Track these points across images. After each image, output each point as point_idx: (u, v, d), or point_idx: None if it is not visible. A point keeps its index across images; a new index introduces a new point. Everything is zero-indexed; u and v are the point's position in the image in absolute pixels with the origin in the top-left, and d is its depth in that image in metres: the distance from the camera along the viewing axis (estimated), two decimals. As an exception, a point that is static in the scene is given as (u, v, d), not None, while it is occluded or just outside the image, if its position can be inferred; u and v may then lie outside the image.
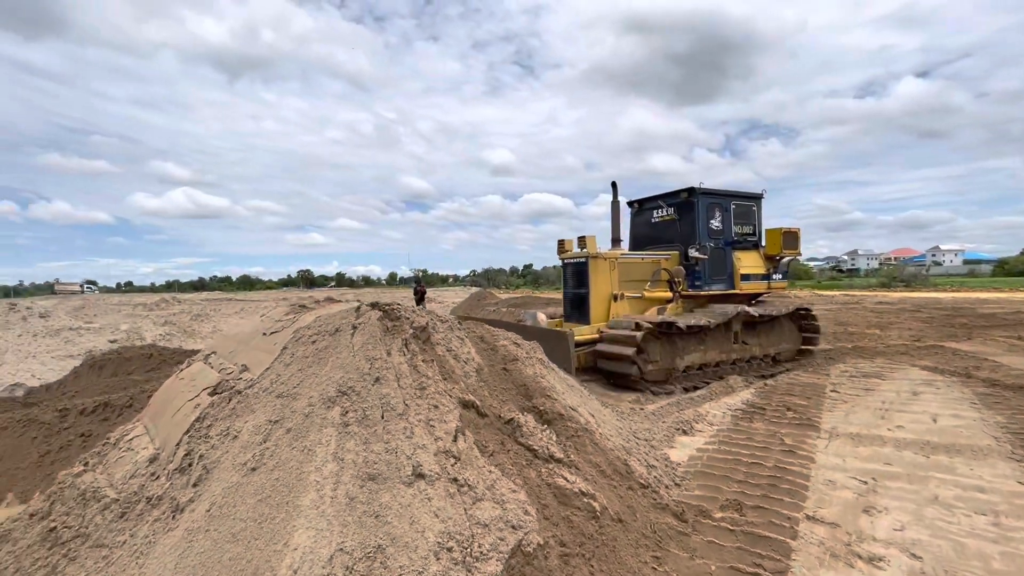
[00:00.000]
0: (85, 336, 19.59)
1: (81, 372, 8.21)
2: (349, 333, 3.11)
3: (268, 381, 2.97)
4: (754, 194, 8.99)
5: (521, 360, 3.82)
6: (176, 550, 2.27)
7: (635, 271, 8.33)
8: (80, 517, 2.74)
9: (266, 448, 2.55)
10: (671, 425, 4.88)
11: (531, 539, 2.52)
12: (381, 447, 2.58)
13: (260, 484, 2.40)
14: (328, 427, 2.58)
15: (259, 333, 3.89)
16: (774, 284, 8.91)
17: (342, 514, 2.30)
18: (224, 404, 2.99)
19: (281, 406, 2.75)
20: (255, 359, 3.33)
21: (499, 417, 3.24)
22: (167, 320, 22.54)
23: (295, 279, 65.73)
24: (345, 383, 2.79)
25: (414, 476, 2.54)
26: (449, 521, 2.46)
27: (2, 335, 17.80)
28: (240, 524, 2.27)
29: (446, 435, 2.79)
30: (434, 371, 3.15)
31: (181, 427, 2.98)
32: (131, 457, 3.17)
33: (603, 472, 3.26)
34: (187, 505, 2.49)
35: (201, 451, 2.71)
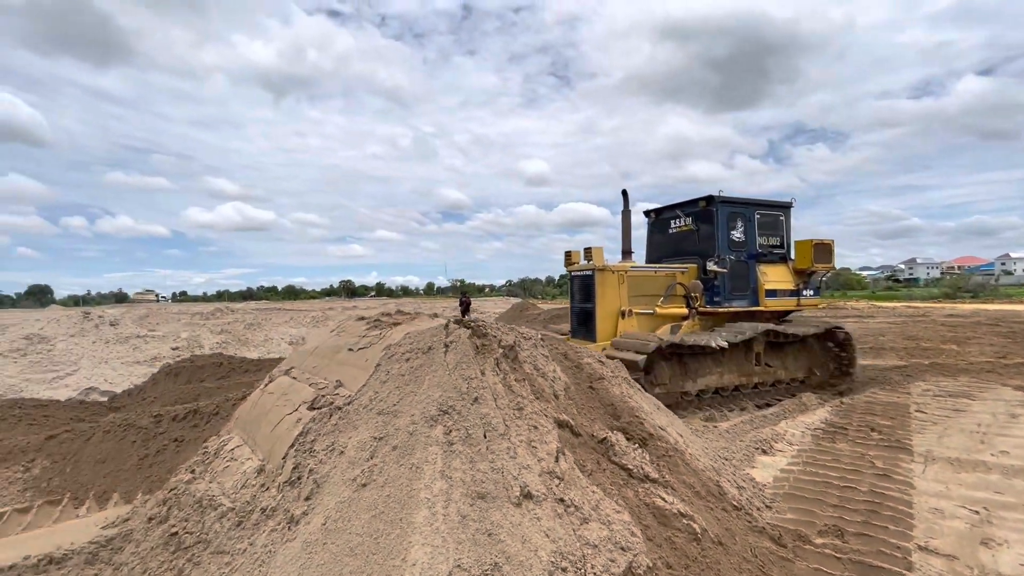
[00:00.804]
0: (151, 344, 20.74)
1: (159, 379, 8.69)
2: (442, 352, 3.14)
3: (367, 398, 3.02)
4: (782, 202, 8.27)
5: (607, 379, 3.80)
6: (296, 561, 2.35)
7: (647, 285, 7.73)
8: (199, 524, 2.87)
9: (374, 465, 2.59)
10: (749, 444, 4.73)
11: (640, 561, 2.49)
12: (487, 466, 2.61)
13: (372, 500, 2.45)
14: (433, 445, 2.62)
15: (343, 348, 3.99)
16: (805, 301, 8.05)
17: (456, 531, 2.34)
18: (325, 420, 3.07)
19: (383, 423, 2.79)
20: (349, 375, 3.42)
21: (592, 436, 3.22)
22: (223, 329, 23.52)
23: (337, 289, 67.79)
24: (445, 402, 2.83)
25: (522, 496, 2.56)
26: (560, 541, 2.46)
27: (78, 342, 19.03)
28: (356, 539, 2.32)
29: (548, 455, 2.80)
30: (527, 391, 3.16)
31: (285, 441, 3.09)
32: (236, 467, 3.31)
33: (698, 493, 3.18)
34: (301, 518, 2.56)
35: (310, 465, 2.77)
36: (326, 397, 3.30)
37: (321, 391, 3.41)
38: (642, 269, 7.96)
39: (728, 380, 6.87)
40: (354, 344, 3.95)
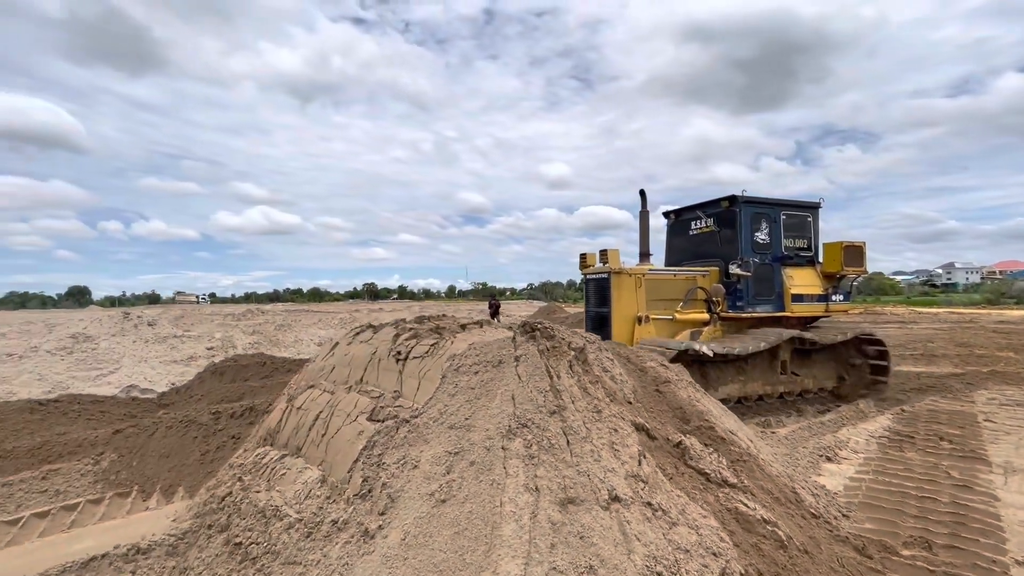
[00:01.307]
0: (187, 343, 21.30)
1: (204, 377, 8.90)
2: (513, 365, 3.03)
3: (436, 411, 2.93)
4: (809, 203, 7.86)
5: (673, 382, 3.73)
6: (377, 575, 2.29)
7: (666, 289, 7.42)
8: (265, 534, 2.79)
9: (452, 480, 2.51)
10: (812, 451, 4.59)
11: (733, 567, 2.42)
12: (572, 472, 2.56)
13: (454, 516, 2.35)
14: (513, 458, 2.56)
15: (384, 356, 3.79)
16: (833, 306, 7.65)
17: (548, 537, 2.29)
18: (392, 432, 2.95)
19: (457, 438, 2.71)
20: (410, 386, 3.24)
21: (667, 440, 3.16)
22: (255, 330, 24.00)
23: (360, 292, 68.73)
24: (523, 415, 2.75)
25: (610, 499, 2.51)
26: (651, 545, 2.40)
27: (120, 341, 19.67)
28: (440, 555, 2.23)
29: (631, 459, 2.74)
30: (601, 393, 3.12)
31: (348, 453, 2.98)
32: (295, 476, 3.19)
33: (777, 499, 3.09)
34: (377, 532, 2.48)
35: (382, 479, 2.70)
36: (387, 409, 3.15)
37: (379, 402, 3.27)
38: (660, 272, 7.66)
39: (751, 389, 6.58)
40: (397, 351, 3.73)
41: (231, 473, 3.73)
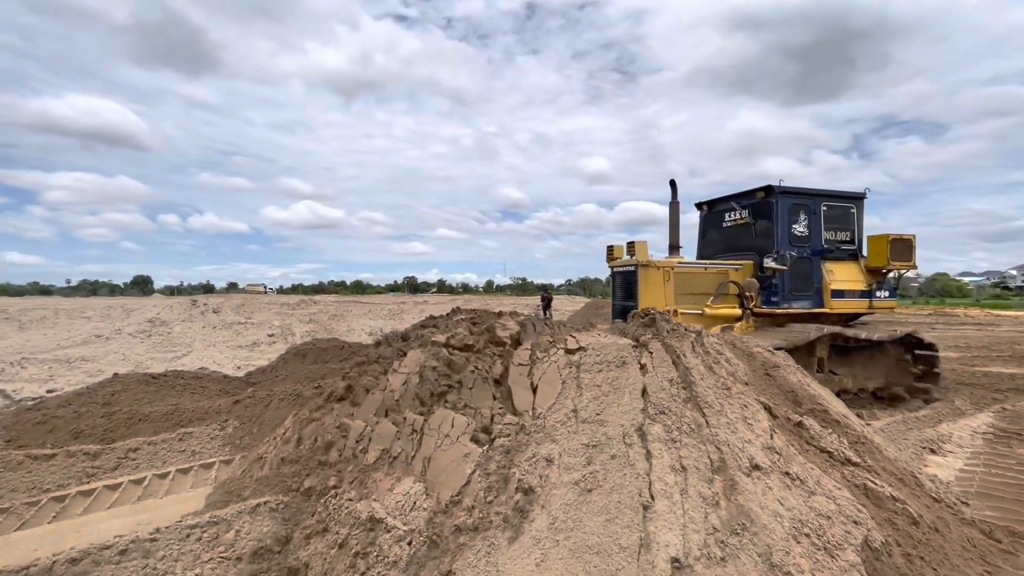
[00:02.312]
0: (250, 330, 22.41)
1: (288, 358, 9.47)
2: (637, 365, 3.13)
3: (564, 412, 2.96)
4: (853, 193, 7.42)
5: (782, 367, 3.82)
6: (529, 556, 2.38)
7: (696, 283, 7.14)
8: (374, 545, 2.68)
9: (594, 471, 2.64)
10: (915, 444, 4.58)
11: (874, 536, 2.53)
12: (712, 446, 2.72)
13: (603, 504, 2.50)
14: (655, 442, 2.71)
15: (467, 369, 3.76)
16: (877, 303, 7.22)
17: (700, 508, 2.46)
18: (512, 435, 2.95)
19: (592, 432, 2.81)
20: (522, 396, 3.21)
21: (788, 419, 3.26)
22: (311, 319, 25.00)
23: (400, 285, 70.36)
24: (658, 403, 2.88)
25: (751, 467, 2.66)
26: (794, 510, 2.55)
27: (191, 326, 20.90)
28: (594, 538, 2.38)
29: (763, 432, 2.88)
30: (725, 372, 3.25)
31: (459, 466, 2.88)
32: (392, 485, 3.06)
33: (900, 480, 3.16)
34: (520, 523, 2.54)
35: (515, 476, 2.73)
36: (496, 419, 3.13)
37: (481, 416, 3.19)
38: (690, 265, 7.36)
39: None
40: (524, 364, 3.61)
41: (326, 473, 3.51)
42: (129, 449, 4.84)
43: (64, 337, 18.31)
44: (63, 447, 4.74)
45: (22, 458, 4.50)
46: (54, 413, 5.73)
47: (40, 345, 17.43)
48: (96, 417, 5.50)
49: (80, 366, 17.34)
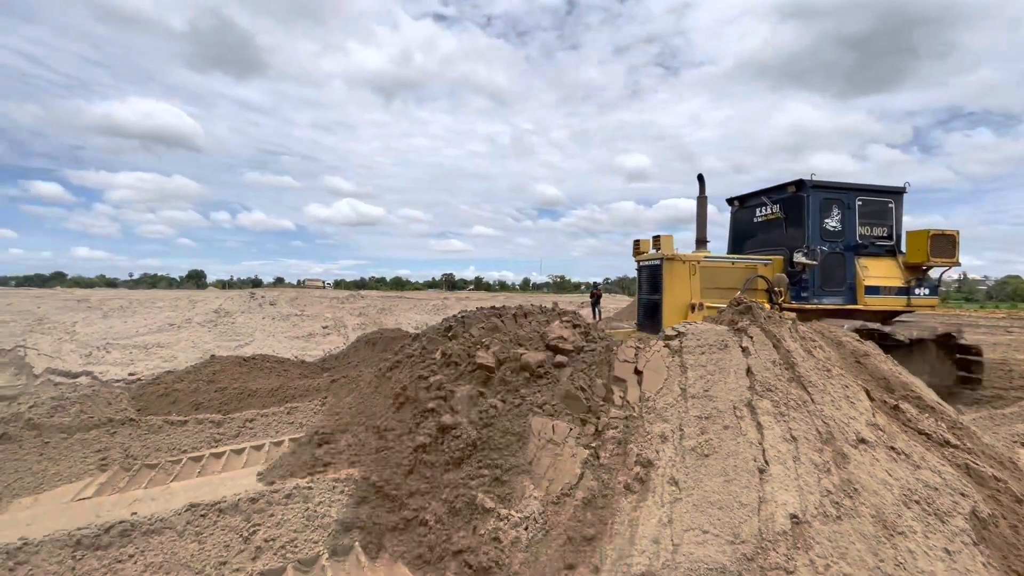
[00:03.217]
0: (305, 322, 23.41)
1: (358, 346, 10.04)
2: (738, 348, 3.39)
3: (673, 394, 3.20)
4: (891, 188, 7.22)
5: (872, 355, 3.95)
6: (659, 511, 2.66)
7: (723, 277, 7.06)
8: (498, 553, 2.74)
9: (708, 439, 2.92)
10: (1005, 437, 4.60)
11: (982, 508, 2.70)
12: (819, 420, 2.94)
13: (721, 467, 2.78)
14: (765, 415, 2.97)
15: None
16: (916, 300, 6.95)
17: (813, 473, 2.70)
18: (622, 422, 3.18)
19: (702, 406, 3.09)
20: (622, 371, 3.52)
21: (884, 402, 3.42)
22: (361, 312, 25.90)
23: (438, 282, 71.63)
24: (764, 382, 3.14)
25: (857, 440, 2.87)
26: (902, 479, 2.74)
27: (251, 317, 22.02)
28: (716, 496, 2.65)
29: (865, 410, 3.07)
30: (823, 355, 3.44)
31: (570, 459, 3.01)
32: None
33: (1001, 464, 3.27)
34: (641, 488, 2.80)
35: (634, 452, 2.97)
36: (605, 420, 3.25)
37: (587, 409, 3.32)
38: (717, 259, 7.31)
39: None
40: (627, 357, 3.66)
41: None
42: (246, 420, 5.39)
43: (142, 325, 19.66)
44: (191, 416, 5.33)
45: (161, 423, 5.10)
46: (173, 387, 6.39)
47: (121, 332, 18.78)
48: (211, 392, 6.13)
49: (156, 352, 18.64)
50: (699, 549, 2.47)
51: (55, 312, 19.59)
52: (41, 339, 17.97)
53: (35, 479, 4.31)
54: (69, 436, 4.74)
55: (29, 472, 4.34)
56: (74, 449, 4.65)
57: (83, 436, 4.79)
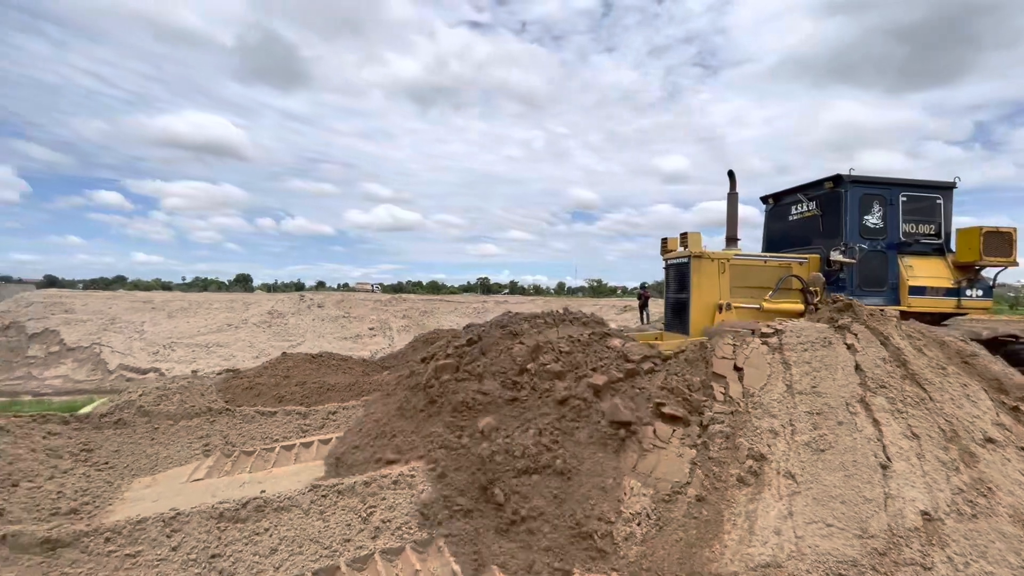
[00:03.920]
0: (353, 323, 24.03)
1: (416, 345, 10.27)
2: (843, 345, 3.35)
3: (778, 390, 3.21)
4: (939, 183, 6.81)
5: (980, 355, 3.80)
6: (778, 505, 2.69)
7: (754, 276, 6.74)
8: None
9: (822, 434, 2.91)
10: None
11: None
12: (941, 419, 2.87)
13: (839, 461, 2.78)
14: (881, 412, 2.93)
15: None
16: (968, 303, 6.53)
17: (940, 470, 2.65)
18: (727, 416, 3.21)
19: (811, 402, 3.08)
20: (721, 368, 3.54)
21: (1002, 403, 3.30)
22: (404, 315, 26.36)
23: (474, 286, 72.18)
24: (876, 379, 3.09)
25: (984, 439, 2.79)
26: (1038, 482, 2.64)
27: (302, 318, 22.80)
28: (836, 490, 2.66)
29: (988, 409, 2.98)
30: (934, 353, 3.35)
31: (678, 456, 3.11)
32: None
33: None
34: (755, 481, 2.82)
35: (744, 447, 3.00)
36: (709, 415, 3.30)
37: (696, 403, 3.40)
38: (748, 257, 6.98)
39: None
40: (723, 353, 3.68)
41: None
42: (329, 412, 5.64)
43: (203, 325, 20.61)
44: (279, 408, 5.63)
45: (253, 414, 5.41)
46: (254, 382, 6.74)
47: (184, 331, 19.76)
48: (291, 386, 6.44)
49: (216, 351, 19.53)
50: (825, 542, 2.47)
51: (125, 313, 20.79)
52: (114, 338, 19.12)
53: (149, 461, 4.66)
54: (175, 423, 5.09)
55: (144, 455, 4.69)
56: (180, 435, 4.99)
57: (187, 423, 5.13)
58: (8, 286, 26.87)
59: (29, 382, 16.67)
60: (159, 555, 2.65)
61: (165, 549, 2.68)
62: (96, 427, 4.83)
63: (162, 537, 2.73)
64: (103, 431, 4.81)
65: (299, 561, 2.79)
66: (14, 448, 4.04)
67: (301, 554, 2.83)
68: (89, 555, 2.56)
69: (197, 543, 2.74)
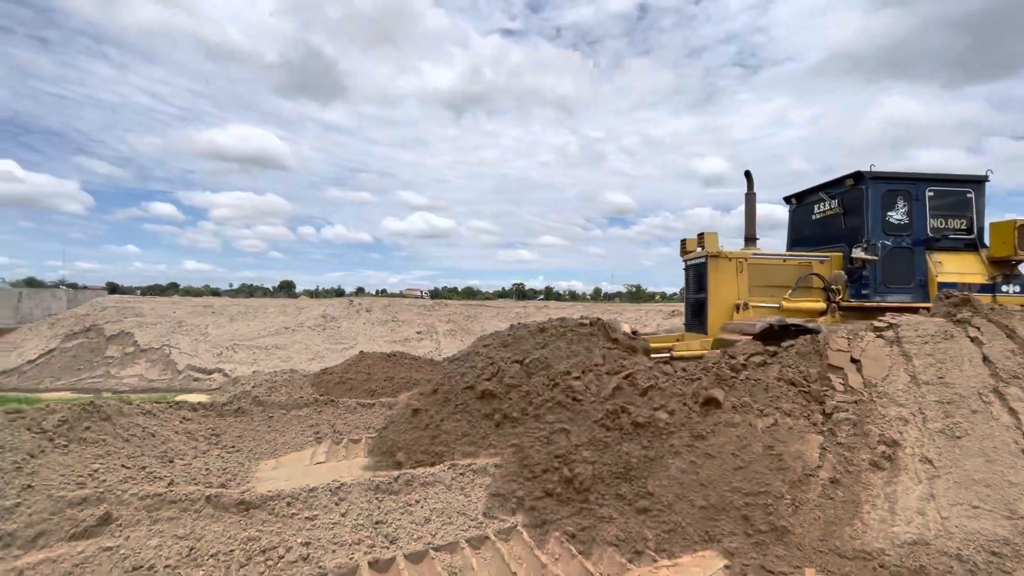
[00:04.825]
0: (401, 327, 24.62)
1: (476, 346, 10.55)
2: (965, 337, 3.40)
3: (903, 378, 3.31)
4: (969, 177, 6.64)
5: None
6: (923, 486, 2.80)
7: (774, 275, 6.72)
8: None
9: (956, 422, 3.00)
10: None
11: None
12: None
13: (979, 447, 2.87)
14: (1016, 401, 2.98)
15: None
16: (1004, 299, 6.21)
17: None
18: (851, 405, 3.30)
19: (939, 392, 3.17)
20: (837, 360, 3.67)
21: None
22: (449, 319, 26.85)
23: (508, 292, 72.70)
24: (1008, 369, 3.14)
25: None
26: None
27: (353, 322, 23.52)
28: (978, 474, 2.74)
29: None
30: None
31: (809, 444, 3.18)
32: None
33: None
34: (891, 466, 2.94)
35: (874, 433, 3.10)
36: (832, 403, 3.41)
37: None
38: (766, 257, 6.96)
39: None
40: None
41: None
42: (421, 405, 5.96)
43: (262, 328, 21.56)
44: (376, 399, 5.98)
45: (355, 405, 5.77)
46: (343, 377, 7.16)
47: (245, 334, 20.72)
48: (381, 380, 6.81)
49: (275, 352, 20.37)
50: (972, 522, 2.55)
51: (188, 316, 21.99)
52: (181, 339, 20.24)
53: (269, 446, 5.05)
54: (287, 412, 5.49)
55: (264, 441, 5.08)
56: (292, 423, 5.38)
57: (297, 412, 5.53)
58: (85, 291, 28.79)
59: (108, 380, 17.82)
60: (332, 519, 2.94)
61: (336, 514, 2.97)
62: (219, 414, 5.26)
63: (331, 504, 3.03)
64: (225, 418, 5.24)
65: (451, 530, 3.04)
66: (162, 430, 4.48)
67: (452, 524, 3.08)
68: (276, 516, 2.88)
69: (361, 511, 3.03)
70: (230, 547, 2.63)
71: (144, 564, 2.44)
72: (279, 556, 2.66)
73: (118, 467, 3.49)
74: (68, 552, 2.41)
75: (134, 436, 4.07)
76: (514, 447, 3.59)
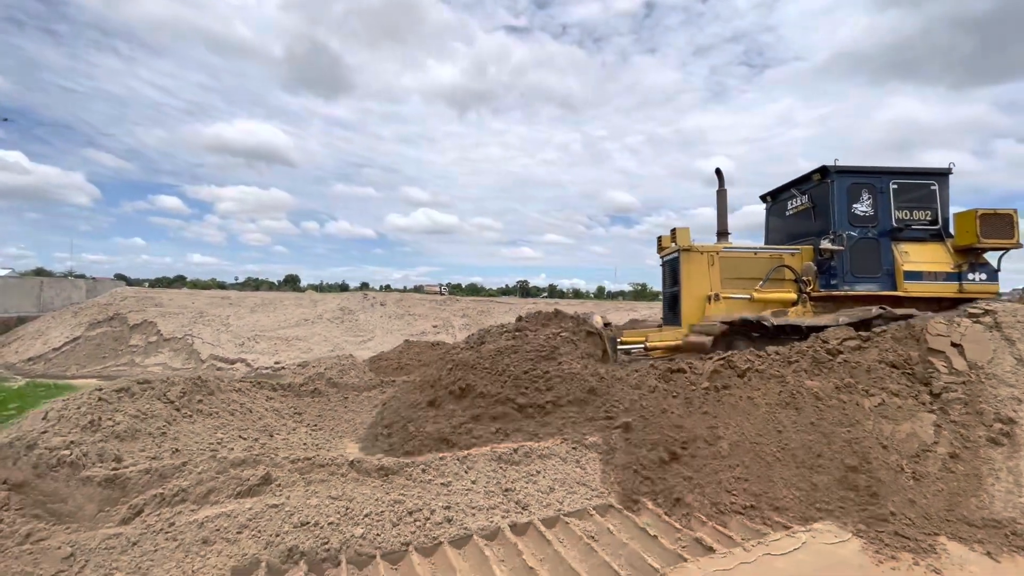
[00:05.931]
0: (417, 321, 24.73)
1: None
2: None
3: (1009, 360, 3.48)
4: (932, 169, 6.87)
5: None
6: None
7: (745, 268, 6.93)
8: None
9: None
10: None
11: None
12: None
13: None
14: None
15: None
16: (971, 287, 6.46)
17: None
18: (959, 385, 3.45)
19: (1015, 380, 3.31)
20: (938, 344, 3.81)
21: None
22: (463, 313, 26.97)
23: (512, 288, 72.78)
24: None
25: None
26: None
27: (370, 316, 23.63)
28: None
29: None
30: None
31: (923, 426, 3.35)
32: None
33: None
34: (1011, 443, 3.08)
35: (989, 411, 3.24)
36: (940, 384, 3.54)
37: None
38: (737, 250, 7.17)
39: None
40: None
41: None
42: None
43: (282, 319, 21.69)
44: (441, 383, 6.10)
45: (423, 387, 5.89)
46: (398, 362, 7.26)
47: (266, 325, 20.83)
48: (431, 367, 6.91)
49: (296, 344, 20.48)
50: (1101, 493, 2.66)
51: (208, 307, 22.11)
52: (204, 330, 20.36)
53: (349, 425, 5.15)
54: (359, 393, 5.60)
55: (342, 420, 5.19)
56: (364, 403, 5.49)
57: (367, 394, 5.63)
58: (104, 281, 28.86)
59: (133, 368, 17.94)
60: (464, 486, 3.05)
61: (467, 481, 3.08)
62: (297, 395, 5.37)
63: (461, 471, 3.13)
64: (303, 398, 5.34)
65: (575, 499, 3.15)
66: (256, 406, 4.58)
67: (575, 493, 3.19)
68: (414, 482, 2.98)
69: (489, 479, 3.14)
70: (379, 508, 2.73)
71: (309, 521, 2.54)
72: (424, 517, 2.76)
73: (235, 437, 3.60)
74: (238, 508, 2.51)
75: (236, 411, 4.17)
76: (623, 426, 3.69)
